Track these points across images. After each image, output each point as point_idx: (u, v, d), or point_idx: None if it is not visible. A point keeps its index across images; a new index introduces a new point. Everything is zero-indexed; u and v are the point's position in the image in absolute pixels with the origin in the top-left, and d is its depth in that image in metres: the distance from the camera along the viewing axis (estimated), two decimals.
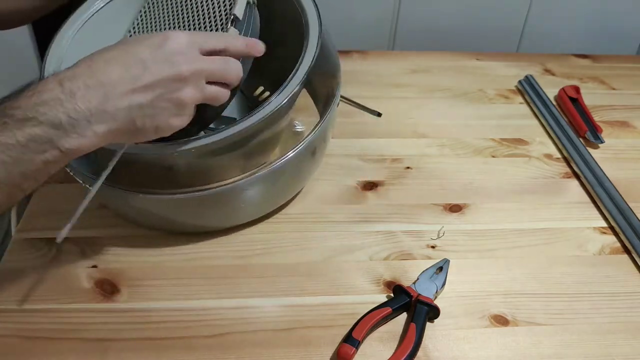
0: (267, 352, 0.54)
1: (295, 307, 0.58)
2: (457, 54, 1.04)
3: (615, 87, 0.99)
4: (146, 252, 0.63)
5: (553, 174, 0.79)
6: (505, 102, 0.93)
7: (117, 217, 0.66)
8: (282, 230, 0.67)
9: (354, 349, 0.53)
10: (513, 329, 0.58)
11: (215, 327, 0.55)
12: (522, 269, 0.64)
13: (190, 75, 0.50)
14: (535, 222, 0.71)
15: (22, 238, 0.63)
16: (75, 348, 0.53)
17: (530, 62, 1.03)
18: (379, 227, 0.68)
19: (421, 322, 0.56)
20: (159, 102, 0.49)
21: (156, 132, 0.51)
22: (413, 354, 0.54)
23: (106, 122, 0.47)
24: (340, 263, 0.63)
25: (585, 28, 1.11)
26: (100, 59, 0.48)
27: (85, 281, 0.59)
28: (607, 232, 0.70)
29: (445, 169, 0.77)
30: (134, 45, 0.49)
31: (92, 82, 0.46)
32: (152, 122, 0.49)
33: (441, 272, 0.61)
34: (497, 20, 1.08)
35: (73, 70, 0.47)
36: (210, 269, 0.62)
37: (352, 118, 0.86)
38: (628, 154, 0.83)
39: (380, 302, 0.58)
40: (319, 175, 0.75)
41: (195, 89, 0.50)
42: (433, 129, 0.85)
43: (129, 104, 0.47)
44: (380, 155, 0.79)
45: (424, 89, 0.95)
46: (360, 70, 0.98)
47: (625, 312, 0.60)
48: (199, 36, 0.52)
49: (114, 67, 0.47)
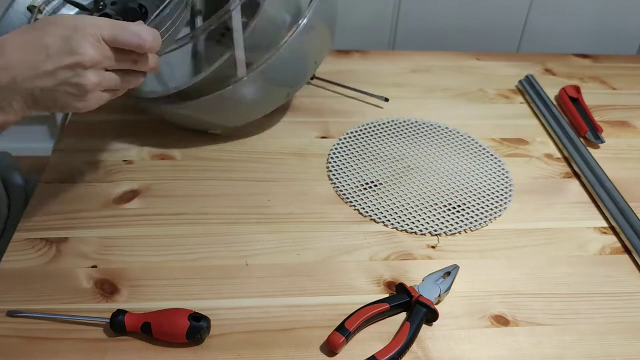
0: (267, 352, 0.54)
1: (295, 307, 0.58)
2: (458, 54, 1.04)
3: (615, 87, 0.99)
4: (146, 252, 0.63)
5: (553, 173, 0.79)
6: (505, 102, 0.93)
7: (118, 217, 0.67)
8: (282, 230, 0.67)
9: (344, 338, 0.53)
10: (513, 329, 0.58)
11: (215, 327, 0.55)
12: (522, 269, 0.64)
13: (93, 63, 0.53)
14: (536, 222, 0.71)
15: (22, 238, 0.63)
16: (75, 348, 0.53)
17: (531, 62, 1.03)
18: (379, 227, 0.68)
19: (416, 323, 0.56)
20: (60, 87, 0.52)
21: (63, 110, 0.56)
22: (401, 353, 0.54)
23: (19, 102, 0.52)
24: (340, 263, 0.63)
25: (585, 28, 1.11)
26: (11, 42, 0.52)
27: (85, 281, 0.59)
28: (608, 232, 0.70)
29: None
30: (43, 31, 0.52)
31: (2, 64, 0.50)
32: (54, 103, 0.53)
33: (448, 276, 0.61)
34: (497, 20, 1.08)
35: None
36: (210, 269, 0.62)
37: (352, 118, 0.86)
38: (628, 154, 0.83)
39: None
40: (319, 175, 0.75)
41: (98, 76, 0.54)
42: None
43: (32, 87, 0.52)
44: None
45: (424, 88, 0.95)
46: (361, 70, 0.98)
47: (625, 312, 0.60)
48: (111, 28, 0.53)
49: (21, 52, 0.51)
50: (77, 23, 0.52)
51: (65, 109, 0.55)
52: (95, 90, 0.54)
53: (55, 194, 0.69)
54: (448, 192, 0.74)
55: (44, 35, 0.52)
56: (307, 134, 0.82)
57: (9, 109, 0.52)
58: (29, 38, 0.52)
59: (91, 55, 0.52)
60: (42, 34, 0.52)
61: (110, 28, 0.53)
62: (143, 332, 0.54)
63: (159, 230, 0.66)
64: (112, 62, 0.54)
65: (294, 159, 0.78)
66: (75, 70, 0.52)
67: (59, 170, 0.73)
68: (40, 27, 0.53)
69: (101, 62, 0.53)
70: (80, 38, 0.52)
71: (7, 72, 0.50)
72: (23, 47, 0.51)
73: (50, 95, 0.52)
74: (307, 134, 0.82)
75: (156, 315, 0.54)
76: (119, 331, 0.54)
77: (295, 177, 0.75)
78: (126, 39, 0.54)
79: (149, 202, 0.69)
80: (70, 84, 0.52)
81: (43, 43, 0.51)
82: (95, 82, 0.53)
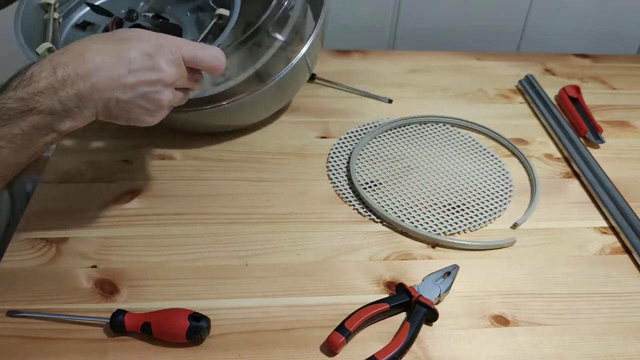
0: (267, 352, 0.54)
1: (295, 307, 0.58)
2: (457, 54, 1.04)
3: (615, 86, 0.99)
4: (146, 252, 0.63)
5: (553, 173, 0.79)
6: (505, 102, 0.93)
7: (118, 217, 0.67)
8: (282, 230, 0.67)
9: (344, 338, 0.53)
10: (513, 329, 0.58)
11: (215, 327, 0.55)
12: (522, 269, 0.64)
13: (172, 82, 0.55)
14: (536, 222, 0.71)
15: (22, 238, 0.63)
16: (75, 348, 0.53)
17: (531, 62, 1.03)
18: (379, 227, 0.68)
19: (416, 323, 0.56)
20: (137, 101, 0.53)
21: (128, 123, 0.56)
22: (401, 353, 0.54)
23: (91, 109, 0.52)
24: (340, 263, 0.63)
25: (585, 28, 1.11)
26: (93, 49, 0.52)
27: (85, 281, 0.59)
28: (608, 232, 0.70)
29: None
30: (127, 44, 0.53)
31: (81, 70, 0.50)
32: (126, 115, 0.54)
33: (448, 277, 0.61)
34: (497, 20, 1.08)
35: (66, 56, 0.51)
36: (210, 269, 0.62)
37: (352, 118, 0.86)
38: (628, 154, 0.83)
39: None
40: (319, 175, 0.75)
41: (172, 94, 0.56)
42: None
43: (110, 97, 0.52)
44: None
45: (424, 88, 0.95)
46: (361, 70, 0.98)
47: (625, 312, 0.60)
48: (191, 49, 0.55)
49: (103, 61, 0.51)
50: (160, 41, 0.54)
51: (132, 122, 0.56)
52: (167, 107, 0.56)
53: (55, 194, 0.69)
54: (448, 192, 0.74)
55: (127, 49, 0.52)
56: (307, 134, 0.82)
57: (79, 116, 0.52)
58: (111, 48, 0.52)
59: (172, 74, 0.54)
60: (126, 47, 0.52)
61: (191, 48, 0.55)
62: (143, 332, 0.54)
63: (159, 230, 0.66)
64: (184, 81, 0.56)
65: (294, 159, 0.78)
66: (155, 87, 0.53)
67: (59, 170, 0.73)
68: (122, 39, 0.53)
69: (178, 81, 0.55)
70: (163, 56, 0.53)
71: (87, 80, 0.50)
72: (105, 56, 0.51)
73: (125, 106, 0.53)
74: (307, 134, 0.82)
75: (156, 315, 0.54)
76: (119, 331, 0.54)
77: (295, 177, 0.75)
78: (204, 60, 0.56)
79: (149, 202, 0.69)
80: (147, 98, 0.54)
81: (126, 56, 0.52)
82: (170, 99, 0.55)
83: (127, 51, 0.52)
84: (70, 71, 0.50)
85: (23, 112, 0.49)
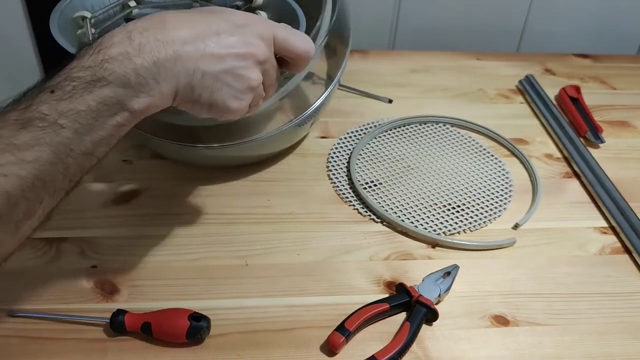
0: (267, 352, 0.54)
1: (295, 307, 0.58)
2: (457, 54, 1.04)
3: (615, 86, 0.99)
4: (146, 252, 0.63)
5: (553, 173, 0.79)
6: (505, 102, 0.93)
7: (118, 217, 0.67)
8: (282, 230, 0.67)
9: (344, 338, 0.53)
10: (513, 329, 0.58)
11: (215, 327, 0.55)
12: (522, 269, 0.64)
13: (263, 60, 0.48)
14: (536, 222, 0.71)
15: None
16: (75, 348, 0.53)
17: (531, 62, 1.03)
18: (379, 227, 0.68)
19: (416, 323, 0.56)
20: (224, 76, 0.47)
21: (209, 110, 0.48)
22: (401, 353, 0.54)
23: (170, 83, 0.45)
24: (340, 263, 0.63)
25: (585, 28, 1.11)
26: (174, 18, 0.46)
27: (85, 281, 0.59)
28: (608, 232, 0.70)
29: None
30: (215, 15, 0.48)
31: (162, 36, 0.44)
32: (209, 95, 0.47)
33: (448, 276, 0.61)
34: (497, 20, 1.08)
35: (143, 22, 0.44)
36: (210, 269, 0.62)
37: (352, 118, 0.86)
38: (628, 154, 0.83)
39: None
40: (319, 175, 0.75)
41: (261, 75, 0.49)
42: None
43: (194, 67, 0.45)
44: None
45: (424, 88, 0.94)
46: (361, 70, 0.98)
47: (625, 312, 0.60)
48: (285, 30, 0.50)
49: (187, 28, 0.45)
50: (252, 16, 0.49)
51: (214, 108, 0.48)
52: (255, 91, 0.49)
53: None
54: (448, 192, 0.74)
55: (216, 19, 0.47)
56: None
57: (156, 91, 0.44)
58: (197, 17, 0.47)
59: (264, 50, 0.48)
60: (214, 17, 0.47)
61: (285, 30, 0.50)
62: (143, 332, 0.54)
63: (159, 230, 0.66)
64: (272, 72, 0.51)
65: (294, 159, 0.78)
66: (246, 61, 0.47)
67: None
68: (210, 10, 0.48)
69: (267, 63, 0.49)
70: (255, 30, 0.48)
71: (170, 47, 0.44)
72: (190, 25, 0.45)
73: (210, 83, 0.46)
74: (307, 134, 0.82)
75: (156, 315, 0.54)
76: (119, 331, 0.54)
77: (295, 177, 0.75)
78: (296, 45, 0.50)
79: (149, 202, 0.69)
80: (235, 75, 0.47)
81: (215, 25, 0.46)
82: (259, 81, 0.49)
83: (215, 21, 0.47)
84: (149, 37, 0.43)
85: (89, 83, 0.41)
